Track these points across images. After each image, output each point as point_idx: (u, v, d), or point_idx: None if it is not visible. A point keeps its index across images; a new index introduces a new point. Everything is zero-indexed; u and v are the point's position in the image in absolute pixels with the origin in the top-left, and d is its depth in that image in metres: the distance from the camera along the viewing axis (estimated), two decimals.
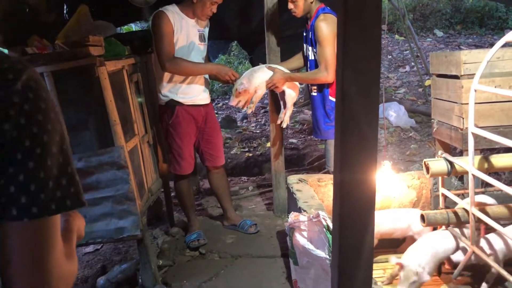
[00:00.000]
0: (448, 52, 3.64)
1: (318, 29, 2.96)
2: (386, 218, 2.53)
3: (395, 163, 4.64)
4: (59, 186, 0.70)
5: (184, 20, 3.08)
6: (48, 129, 0.70)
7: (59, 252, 0.72)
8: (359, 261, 1.10)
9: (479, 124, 3.13)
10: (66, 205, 0.71)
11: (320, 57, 2.99)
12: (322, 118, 3.17)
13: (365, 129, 1.01)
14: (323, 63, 2.96)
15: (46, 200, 0.68)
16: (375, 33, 0.95)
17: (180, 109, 3.15)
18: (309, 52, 3.17)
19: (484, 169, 2.28)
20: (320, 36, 2.95)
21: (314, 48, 3.10)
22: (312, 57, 3.16)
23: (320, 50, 2.98)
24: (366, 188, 1.04)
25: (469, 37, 10.05)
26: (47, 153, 0.69)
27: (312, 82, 3.16)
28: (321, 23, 2.95)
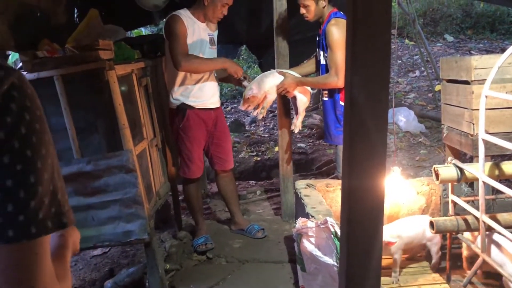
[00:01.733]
0: (458, 58, 3.61)
1: (329, 33, 2.95)
2: (406, 227, 2.50)
3: (405, 169, 4.60)
4: (41, 206, 0.64)
5: (196, 24, 3.12)
6: (32, 142, 0.64)
7: (47, 276, 0.66)
8: (367, 269, 1.09)
9: (489, 130, 3.10)
10: (47, 227, 0.64)
11: (331, 62, 2.98)
12: (332, 123, 3.15)
13: (374, 134, 1.00)
14: (334, 68, 2.95)
15: (25, 223, 0.62)
16: (385, 38, 0.94)
17: (191, 113, 3.17)
18: (321, 57, 3.17)
19: (494, 176, 2.25)
20: (331, 40, 2.94)
21: (325, 53, 3.09)
22: (323, 61, 3.15)
23: (330, 54, 2.98)
24: (375, 194, 1.03)
25: (480, 42, 9.97)
26: (30, 170, 0.63)
27: (322, 86, 3.15)
28: (332, 27, 2.94)
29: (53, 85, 2.40)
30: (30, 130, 0.64)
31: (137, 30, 5.96)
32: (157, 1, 3.57)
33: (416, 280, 2.51)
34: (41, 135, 0.66)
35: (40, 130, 0.66)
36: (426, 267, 2.66)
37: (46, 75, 2.40)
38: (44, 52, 2.50)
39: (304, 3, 3.01)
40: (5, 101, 0.63)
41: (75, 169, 2.44)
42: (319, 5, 3.01)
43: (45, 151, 0.66)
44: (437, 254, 2.58)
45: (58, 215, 0.67)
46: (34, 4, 2.90)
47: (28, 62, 2.42)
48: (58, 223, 0.67)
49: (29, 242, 0.62)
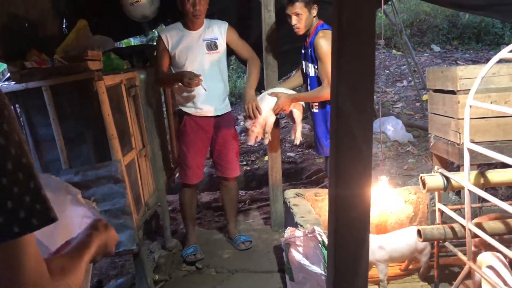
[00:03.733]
0: (444, 68, 3.67)
1: (318, 46, 2.96)
2: (396, 240, 2.50)
3: (393, 178, 4.64)
4: (21, 205, 0.64)
5: (184, 34, 3.19)
6: (1, 144, 0.64)
7: (32, 270, 0.67)
8: (354, 278, 1.10)
9: (475, 139, 3.15)
10: (32, 225, 0.65)
11: (323, 74, 2.99)
12: (323, 134, 3.16)
13: (360, 144, 1.01)
14: (326, 80, 2.95)
15: (6, 223, 0.63)
16: (369, 50, 0.96)
17: (188, 119, 3.29)
18: (309, 69, 3.17)
19: (480, 184, 2.28)
20: (321, 52, 2.95)
21: (315, 65, 3.09)
22: (313, 73, 3.15)
23: (321, 66, 2.98)
24: (361, 203, 1.05)
25: (466, 52, 10.12)
26: (1, 173, 0.63)
27: (317, 100, 3.13)
28: (321, 40, 2.95)
29: (41, 95, 2.39)
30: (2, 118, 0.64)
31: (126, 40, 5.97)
32: (146, 11, 3.59)
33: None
34: (10, 136, 0.65)
35: (8, 131, 0.65)
36: (414, 276, 2.68)
37: (34, 86, 2.40)
38: (33, 63, 2.50)
39: (296, 11, 2.97)
40: None
41: (63, 179, 2.43)
42: (311, 14, 3.01)
43: (16, 151, 0.65)
44: (426, 264, 2.59)
45: (45, 211, 0.67)
46: (22, 15, 2.90)
47: (17, 73, 2.42)
48: (45, 218, 0.67)
49: (15, 241, 0.63)
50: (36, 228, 0.66)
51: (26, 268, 0.66)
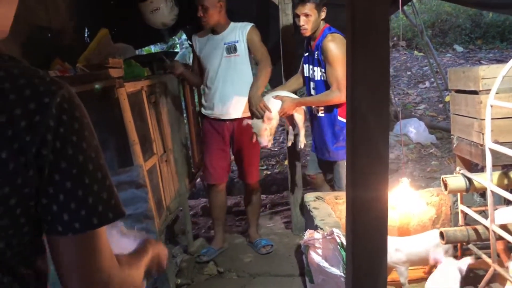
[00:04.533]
0: (466, 68, 3.62)
1: (327, 49, 2.92)
2: (407, 245, 2.46)
3: (416, 180, 4.58)
4: (100, 201, 0.74)
5: (209, 38, 3.32)
6: (83, 148, 0.73)
7: (107, 258, 0.77)
8: (373, 279, 1.10)
9: (500, 139, 3.09)
10: (108, 218, 0.75)
11: (331, 78, 2.94)
12: (330, 140, 3.12)
13: (377, 145, 1.01)
14: (335, 84, 2.91)
15: (87, 216, 0.72)
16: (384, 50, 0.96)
17: (205, 121, 3.44)
18: (315, 73, 3.12)
19: (504, 185, 2.24)
20: (330, 56, 2.91)
21: (322, 68, 3.05)
22: (319, 77, 3.11)
23: (330, 70, 2.94)
24: (378, 204, 1.04)
25: (490, 51, 9.93)
26: (84, 172, 0.73)
27: (325, 104, 3.07)
28: (330, 43, 2.92)
29: None
30: (80, 137, 0.73)
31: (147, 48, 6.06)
32: (165, 19, 3.65)
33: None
34: (90, 141, 0.75)
35: (89, 136, 0.75)
36: None
37: None
38: (56, 72, 2.56)
39: (306, 12, 2.95)
40: (58, 113, 0.71)
41: None
42: (319, 16, 2.99)
43: (95, 154, 0.75)
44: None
45: (118, 206, 0.77)
46: (45, 25, 2.98)
47: None
48: (118, 212, 0.77)
49: (93, 231, 0.74)
50: (112, 220, 0.75)
51: (102, 256, 0.76)
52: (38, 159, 0.69)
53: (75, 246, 0.73)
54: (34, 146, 0.69)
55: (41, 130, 0.69)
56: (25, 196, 0.70)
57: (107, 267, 0.76)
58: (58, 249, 0.74)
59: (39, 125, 0.69)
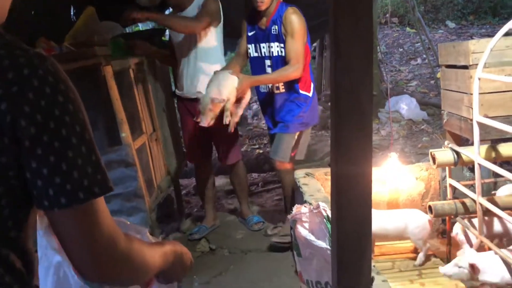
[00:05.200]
0: (456, 43, 3.60)
1: (290, 21, 2.83)
2: (379, 219, 2.46)
3: (407, 156, 4.61)
4: (85, 175, 0.73)
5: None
6: (66, 122, 0.72)
7: (106, 230, 0.76)
8: (357, 251, 1.10)
9: (489, 114, 3.08)
10: (95, 192, 0.74)
11: (291, 52, 2.84)
12: (290, 112, 3.00)
13: (360, 119, 1.01)
14: (294, 58, 2.83)
15: (72, 190, 0.72)
16: (367, 22, 0.95)
17: (178, 101, 3.43)
18: (273, 49, 2.97)
19: (491, 158, 2.26)
20: (293, 29, 2.82)
21: (281, 43, 2.92)
22: (277, 53, 2.97)
23: (291, 44, 2.84)
24: (363, 178, 1.04)
25: (482, 27, 9.90)
26: (67, 146, 0.72)
27: (285, 80, 2.94)
28: (293, 15, 2.84)
29: None
30: (64, 111, 0.72)
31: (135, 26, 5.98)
32: None
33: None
34: (75, 115, 0.73)
35: (74, 110, 0.73)
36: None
37: None
38: (41, 50, 2.53)
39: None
40: (40, 86, 0.70)
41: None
42: None
43: (80, 128, 0.74)
44: (424, 251, 2.52)
45: (105, 181, 0.76)
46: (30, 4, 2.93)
47: None
48: (105, 187, 0.76)
49: (81, 205, 0.73)
50: (98, 195, 0.74)
51: (101, 228, 0.75)
52: (15, 129, 0.69)
53: (70, 220, 0.73)
54: (9, 114, 0.68)
55: (18, 100, 0.68)
56: (2, 165, 0.70)
57: (107, 238, 0.76)
58: (54, 223, 0.75)
59: (16, 96, 0.69)
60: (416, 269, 2.47)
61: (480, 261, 1.95)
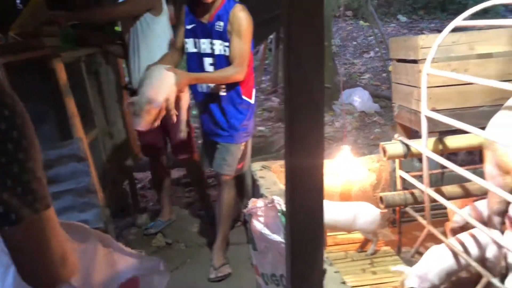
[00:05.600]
0: (406, 37, 3.71)
1: (239, 20, 2.58)
2: (329, 210, 2.52)
3: (359, 148, 4.73)
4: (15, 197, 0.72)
5: None
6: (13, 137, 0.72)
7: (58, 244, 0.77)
8: (310, 242, 1.13)
9: (437, 107, 3.21)
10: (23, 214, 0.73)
11: (236, 52, 2.60)
12: (234, 119, 2.77)
13: (313, 112, 1.03)
14: (239, 59, 2.60)
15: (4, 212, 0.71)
16: (318, 20, 0.97)
17: (130, 94, 3.24)
18: (215, 47, 2.69)
19: (439, 150, 2.36)
20: (241, 28, 2.58)
21: (225, 42, 2.66)
22: (219, 51, 2.70)
23: (237, 44, 2.60)
24: (315, 169, 1.06)
25: (432, 22, 10.26)
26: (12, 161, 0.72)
27: (225, 81, 2.70)
28: (242, 13, 2.60)
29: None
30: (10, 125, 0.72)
31: None
32: None
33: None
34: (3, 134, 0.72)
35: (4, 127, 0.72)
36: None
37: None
38: None
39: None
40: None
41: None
42: None
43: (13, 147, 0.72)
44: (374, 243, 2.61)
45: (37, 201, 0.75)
46: None
47: None
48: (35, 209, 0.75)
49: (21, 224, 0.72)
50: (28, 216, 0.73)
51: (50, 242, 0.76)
52: None
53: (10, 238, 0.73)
54: None
55: None
56: None
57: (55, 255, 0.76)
58: (4, 238, 0.74)
59: None
60: (368, 258, 2.55)
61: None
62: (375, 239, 2.57)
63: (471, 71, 3.22)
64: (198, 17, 2.71)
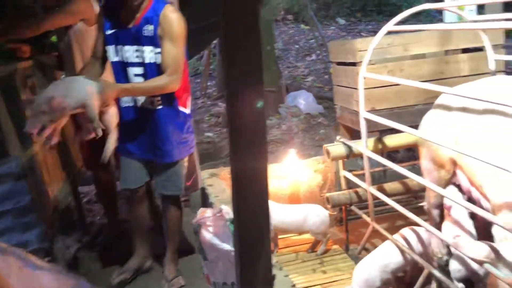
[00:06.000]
0: (344, 41, 3.84)
1: (170, 22, 2.30)
2: (280, 212, 2.58)
3: (306, 149, 4.82)
4: None
5: None
6: None
7: None
8: (257, 248, 1.15)
9: (376, 107, 3.35)
10: None
11: (169, 58, 2.32)
12: (173, 135, 2.54)
13: (254, 120, 1.05)
14: (172, 66, 2.32)
15: None
16: (255, 31, 0.99)
17: None
18: (145, 55, 2.39)
19: (378, 149, 2.45)
20: (173, 32, 2.30)
21: (156, 47, 2.36)
22: (149, 60, 2.40)
23: (170, 49, 2.32)
24: (259, 175, 1.09)
25: (369, 23, 10.63)
26: None
27: (159, 92, 2.40)
28: (174, 15, 2.32)
29: None
30: None
31: None
32: None
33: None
34: None
35: None
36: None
37: None
38: None
39: None
40: None
41: None
42: None
43: None
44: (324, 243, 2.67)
45: None
46: None
47: None
48: None
49: None
50: None
51: None
52: None
53: None
54: None
55: None
56: None
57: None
58: None
59: None
60: (318, 258, 2.61)
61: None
62: (324, 240, 2.64)
63: (406, 71, 3.39)
64: (120, 21, 2.40)
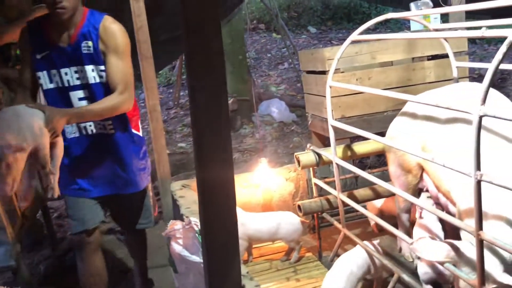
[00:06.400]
0: (313, 50, 3.89)
1: (113, 34, 2.11)
2: (254, 221, 2.58)
3: (280, 157, 4.86)
4: None
5: None
6: None
7: None
8: (226, 260, 1.15)
9: (346, 114, 3.41)
10: None
11: (117, 75, 2.11)
12: (132, 162, 2.36)
13: (219, 131, 1.06)
14: (122, 83, 2.11)
15: None
16: (217, 44, 1.00)
17: None
18: (88, 75, 2.14)
19: (348, 156, 2.49)
20: (118, 44, 2.11)
21: (100, 65, 2.14)
22: (94, 79, 2.16)
23: (116, 64, 2.11)
24: (225, 187, 1.09)
25: (339, 31, 10.80)
26: None
27: (111, 114, 2.15)
28: (115, 26, 2.14)
29: None
30: None
31: None
32: None
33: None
34: None
35: None
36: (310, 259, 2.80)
37: None
38: None
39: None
40: None
41: None
42: None
43: None
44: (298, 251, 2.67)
45: None
46: None
47: None
48: None
49: None
50: None
51: None
52: None
53: None
54: None
55: None
56: None
57: None
58: None
59: None
60: (291, 266, 2.62)
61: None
62: (297, 247, 2.65)
63: (374, 78, 3.46)
64: (51, 41, 2.13)
